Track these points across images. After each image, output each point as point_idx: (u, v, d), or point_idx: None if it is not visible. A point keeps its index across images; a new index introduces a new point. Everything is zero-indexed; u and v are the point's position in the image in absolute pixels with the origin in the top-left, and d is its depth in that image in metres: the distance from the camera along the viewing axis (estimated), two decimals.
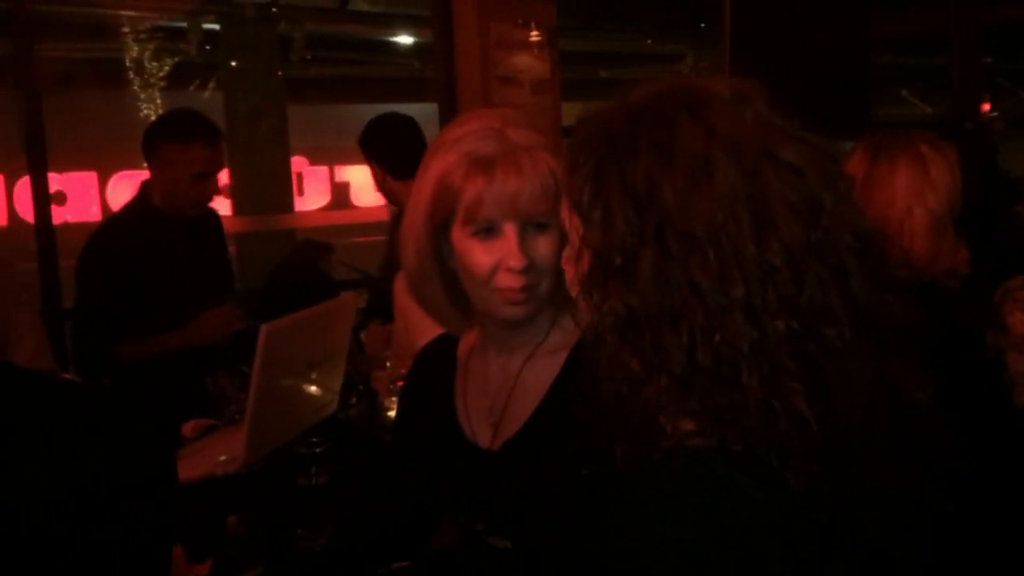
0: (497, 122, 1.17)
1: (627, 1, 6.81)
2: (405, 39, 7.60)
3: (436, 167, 1.17)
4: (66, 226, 7.37)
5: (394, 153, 2.96)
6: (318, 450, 1.61)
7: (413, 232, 1.20)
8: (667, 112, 0.79)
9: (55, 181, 7.51)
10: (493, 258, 1.14)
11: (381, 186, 3.02)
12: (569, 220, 0.86)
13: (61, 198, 7.52)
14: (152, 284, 2.77)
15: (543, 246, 1.14)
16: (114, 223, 3.02)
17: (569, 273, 0.88)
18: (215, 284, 2.95)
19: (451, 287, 1.22)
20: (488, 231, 1.14)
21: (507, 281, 1.13)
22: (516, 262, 1.12)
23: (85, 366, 2.85)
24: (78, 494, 0.79)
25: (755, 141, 0.77)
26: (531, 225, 1.13)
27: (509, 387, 1.22)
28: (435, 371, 1.35)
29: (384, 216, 6.18)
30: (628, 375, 0.78)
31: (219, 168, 2.81)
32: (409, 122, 3.11)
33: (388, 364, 2.39)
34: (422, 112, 3.37)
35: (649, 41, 8.41)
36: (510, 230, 1.13)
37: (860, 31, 5.03)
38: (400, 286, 2.52)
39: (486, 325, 1.25)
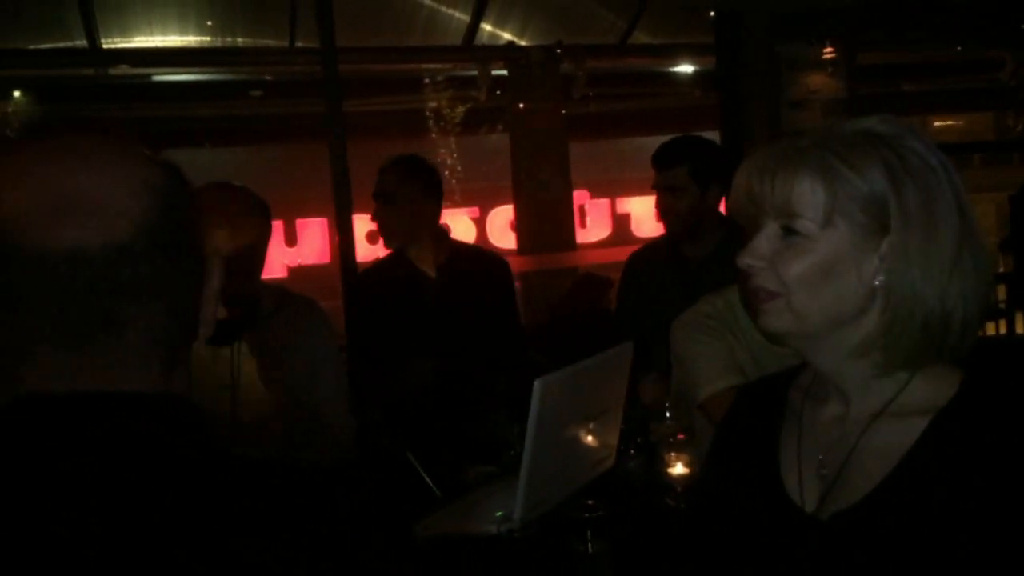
0: None
1: (934, 7, 6.16)
2: (685, 68, 7.48)
3: None
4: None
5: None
6: (596, 514, 1.52)
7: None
8: None
9: (367, 223, 8.28)
10: None
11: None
12: None
13: (374, 237, 8.21)
14: (396, 327, 2.87)
15: None
16: (376, 264, 3.21)
17: None
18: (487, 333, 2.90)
19: None
20: None
21: None
22: None
23: (356, 402, 3.03)
24: None
25: None
26: None
27: (848, 446, 1.05)
28: (759, 413, 1.19)
29: None
30: None
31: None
32: None
33: (667, 416, 2.26)
34: None
35: (959, 48, 7.60)
36: None
37: None
38: (677, 334, 2.37)
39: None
